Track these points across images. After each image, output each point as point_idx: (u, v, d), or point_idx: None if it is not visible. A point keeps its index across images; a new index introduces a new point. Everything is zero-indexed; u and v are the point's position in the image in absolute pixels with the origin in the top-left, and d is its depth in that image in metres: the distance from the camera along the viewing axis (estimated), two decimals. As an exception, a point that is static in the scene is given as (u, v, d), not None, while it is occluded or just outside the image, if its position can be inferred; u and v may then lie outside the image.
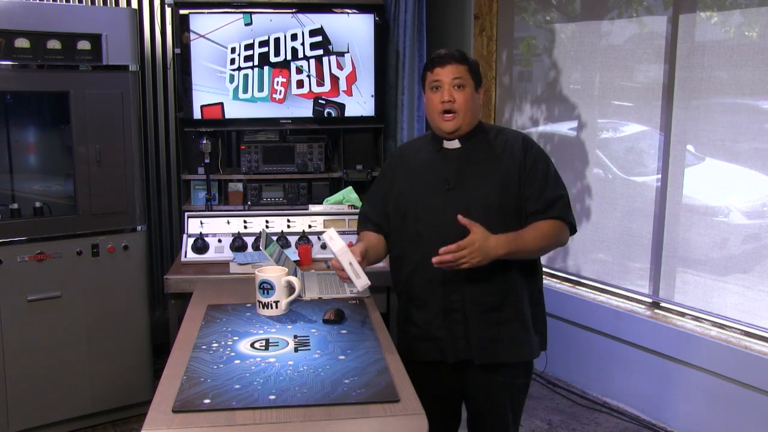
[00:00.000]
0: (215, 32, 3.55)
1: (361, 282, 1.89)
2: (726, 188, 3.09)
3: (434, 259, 1.85)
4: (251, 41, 3.59)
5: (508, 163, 2.03)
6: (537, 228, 2.00)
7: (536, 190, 2.02)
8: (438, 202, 2.03)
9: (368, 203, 2.25)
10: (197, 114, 3.60)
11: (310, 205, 3.24)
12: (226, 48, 3.57)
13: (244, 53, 3.59)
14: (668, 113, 3.20)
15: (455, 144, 2.06)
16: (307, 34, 3.62)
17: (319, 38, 3.63)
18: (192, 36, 3.54)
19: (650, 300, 3.39)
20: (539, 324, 2.13)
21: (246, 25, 3.57)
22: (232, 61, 3.59)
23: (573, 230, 2.09)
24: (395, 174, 2.15)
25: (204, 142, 3.52)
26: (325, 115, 3.70)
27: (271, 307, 2.05)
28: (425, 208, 2.04)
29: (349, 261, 1.88)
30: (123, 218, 3.14)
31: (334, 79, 3.68)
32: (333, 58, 3.66)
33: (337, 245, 1.88)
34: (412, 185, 2.09)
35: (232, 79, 3.60)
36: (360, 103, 3.74)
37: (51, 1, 3.32)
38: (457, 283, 2.01)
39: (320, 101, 3.69)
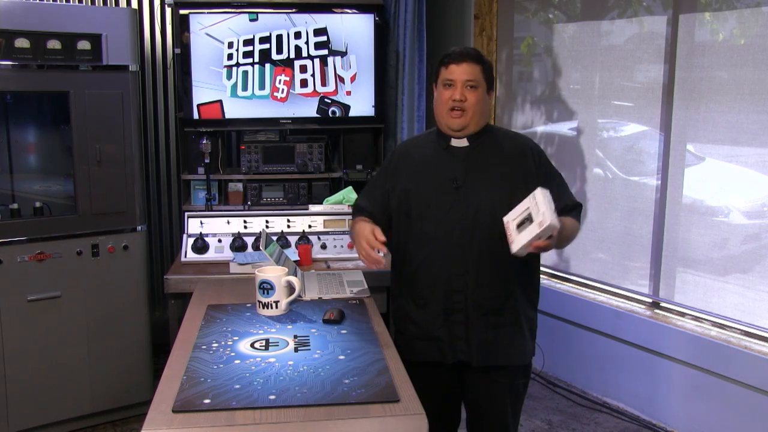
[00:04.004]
0: (214, 26, 3.53)
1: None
2: (726, 188, 3.09)
3: (531, 249, 1.79)
4: (251, 37, 3.57)
5: (518, 167, 2.04)
6: (567, 222, 1.99)
7: (555, 195, 2.00)
8: (445, 201, 2.01)
9: (364, 197, 2.23)
10: (196, 114, 3.60)
11: (310, 205, 3.24)
12: (223, 43, 3.56)
13: (243, 49, 3.57)
14: (668, 113, 3.20)
15: (463, 142, 2.05)
16: (311, 33, 3.61)
17: (323, 38, 3.63)
18: (192, 30, 3.52)
19: (650, 300, 3.39)
20: (534, 329, 2.14)
21: (251, 20, 3.55)
22: (230, 57, 3.57)
23: None
24: (398, 170, 2.13)
25: (204, 142, 3.52)
26: (330, 114, 3.70)
27: (271, 307, 2.05)
28: (431, 207, 2.02)
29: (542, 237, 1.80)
30: (123, 218, 3.14)
31: (338, 79, 3.68)
32: (338, 58, 3.66)
33: (554, 218, 1.78)
34: (418, 183, 2.07)
35: (229, 75, 3.59)
36: (360, 103, 3.74)
37: (51, 1, 3.32)
38: (461, 283, 2.00)
39: (326, 100, 3.68)
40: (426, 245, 2.03)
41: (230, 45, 3.56)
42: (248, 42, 3.57)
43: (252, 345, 1.81)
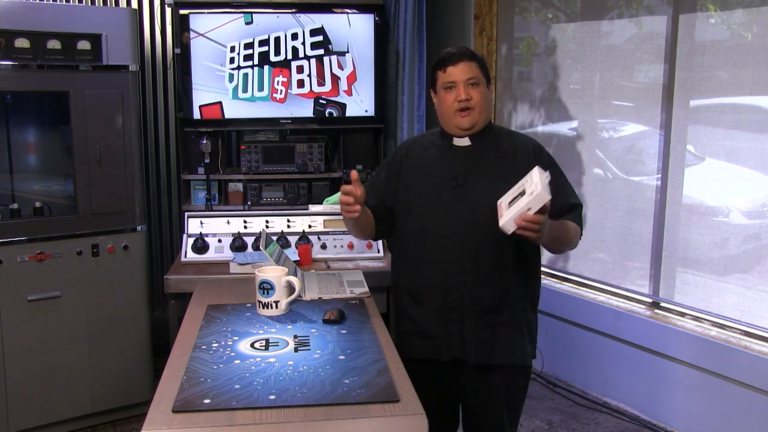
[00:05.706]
0: (215, 31, 3.54)
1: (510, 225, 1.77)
2: (726, 188, 3.08)
3: (517, 220, 1.73)
4: (251, 40, 3.58)
5: (519, 165, 2.02)
6: (568, 224, 2.01)
7: (553, 192, 1.98)
8: (445, 199, 2.01)
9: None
10: (196, 114, 3.60)
11: (310, 205, 3.24)
12: (226, 47, 3.57)
13: (243, 52, 3.58)
14: (668, 113, 3.20)
15: (465, 141, 2.06)
16: (308, 34, 3.62)
17: (320, 38, 3.63)
18: (192, 35, 3.53)
19: (650, 300, 3.39)
20: (533, 332, 2.13)
21: (247, 24, 3.56)
22: (232, 60, 3.58)
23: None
24: (401, 168, 2.12)
25: (204, 142, 3.52)
26: (327, 115, 3.70)
27: (271, 307, 2.05)
28: (431, 205, 2.03)
29: (531, 208, 1.72)
30: (123, 218, 3.14)
31: (335, 79, 3.68)
32: (334, 57, 3.66)
33: (546, 190, 1.71)
34: (419, 180, 2.07)
35: (231, 78, 3.59)
36: (360, 103, 3.74)
37: (51, 1, 3.32)
38: (458, 282, 2.01)
39: (321, 101, 3.68)
40: (424, 243, 2.03)
41: (232, 49, 3.57)
42: (248, 45, 3.57)
43: (252, 345, 1.81)
